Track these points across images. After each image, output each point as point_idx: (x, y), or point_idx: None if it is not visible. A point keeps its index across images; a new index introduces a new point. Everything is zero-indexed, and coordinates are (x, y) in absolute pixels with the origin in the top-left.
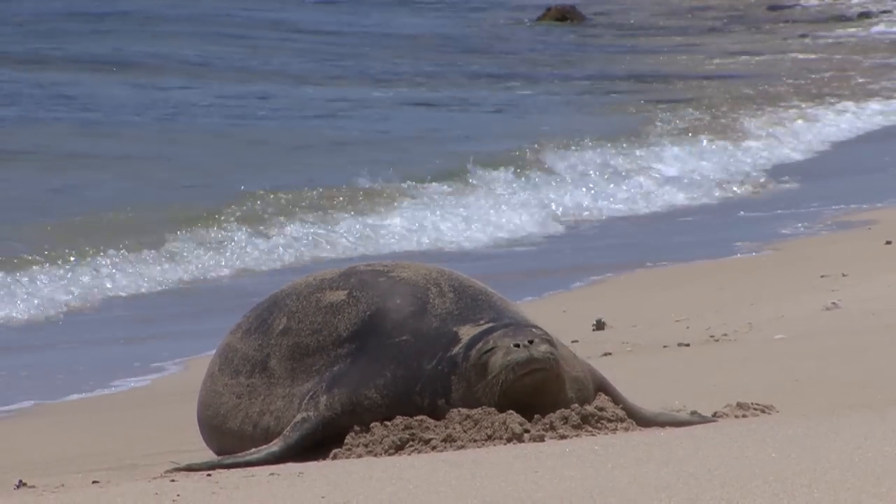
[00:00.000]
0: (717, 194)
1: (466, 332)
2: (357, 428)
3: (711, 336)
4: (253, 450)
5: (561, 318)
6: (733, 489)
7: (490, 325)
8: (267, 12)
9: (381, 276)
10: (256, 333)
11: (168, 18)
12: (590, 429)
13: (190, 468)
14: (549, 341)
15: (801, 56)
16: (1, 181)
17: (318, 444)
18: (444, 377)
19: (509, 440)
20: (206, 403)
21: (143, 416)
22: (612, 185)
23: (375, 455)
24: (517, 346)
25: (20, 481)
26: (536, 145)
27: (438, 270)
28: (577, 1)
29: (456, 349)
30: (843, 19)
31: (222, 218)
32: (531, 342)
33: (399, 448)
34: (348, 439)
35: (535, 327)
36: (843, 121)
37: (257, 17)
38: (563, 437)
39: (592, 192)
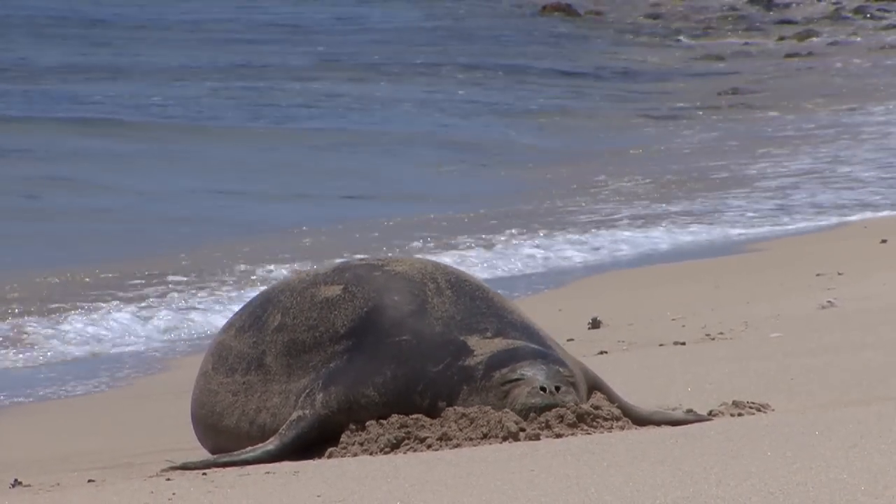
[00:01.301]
0: None
1: (477, 345)
2: (352, 426)
3: (707, 334)
4: (249, 448)
5: (556, 316)
6: (729, 487)
7: (514, 345)
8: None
9: (376, 271)
10: (251, 331)
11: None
12: (585, 427)
13: (185, 467)
14: (574, 384)
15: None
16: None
17: (314, 442)
18: (453, 384)
19: (505, 438)
20: (200, 402)
21: (138, 414)
22: None
23: (371, 453)
24: (543, 389)
25: (16, 480)
26: None
27: (434, 265)
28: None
29: (470, 361)
30: (840, 18)
31: None
32: (557, 389)
33: (395, 446)
34: (344, 438)
35: (563, 366)
36: None
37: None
38: (558, 435)
39: None
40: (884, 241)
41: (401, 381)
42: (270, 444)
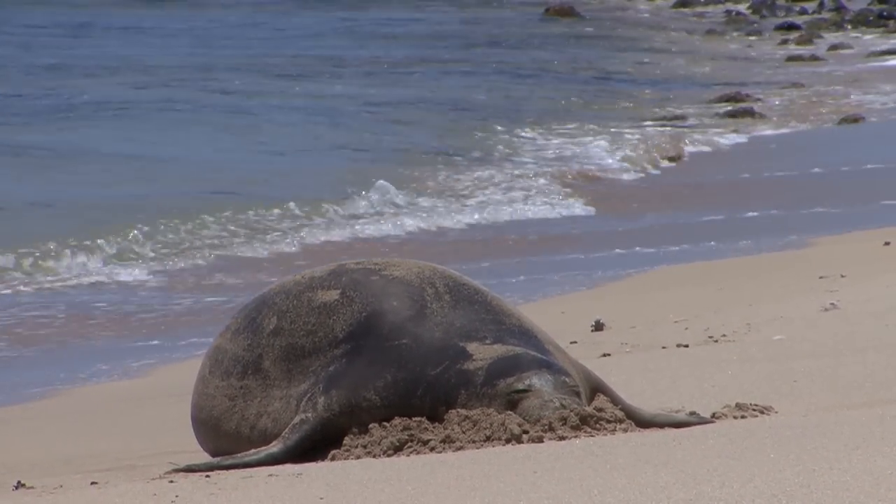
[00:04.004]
0: None
1: (477, 350)
2: (355, 429)
3: (710, 337)
4: (252, 451)
5: (560, 318)
6: (732, 490)
7: (515, 352)
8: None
9: (374, 275)
10: (245, 333)
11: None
12: (588, 430)
13: (189, 469)
14: (578, 393)
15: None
16: None
17: (316, 444)
18: (451, 387)
19: (508, 441)
20: (199, 406)
21: (141, 416)
22: None
23: (374, 456)
24: (553, 401)
25: (19, 482)
26: None
27: (431, 268)
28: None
29: (469, 366)
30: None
31: None
32: (565, 398)
33: (397, 449)
34: (346, 440)
35: (566, 375)
36: None
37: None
38: (561, 438)
39: None
40: (887, 244)
41: (401, 386)
42: (274, 447)
